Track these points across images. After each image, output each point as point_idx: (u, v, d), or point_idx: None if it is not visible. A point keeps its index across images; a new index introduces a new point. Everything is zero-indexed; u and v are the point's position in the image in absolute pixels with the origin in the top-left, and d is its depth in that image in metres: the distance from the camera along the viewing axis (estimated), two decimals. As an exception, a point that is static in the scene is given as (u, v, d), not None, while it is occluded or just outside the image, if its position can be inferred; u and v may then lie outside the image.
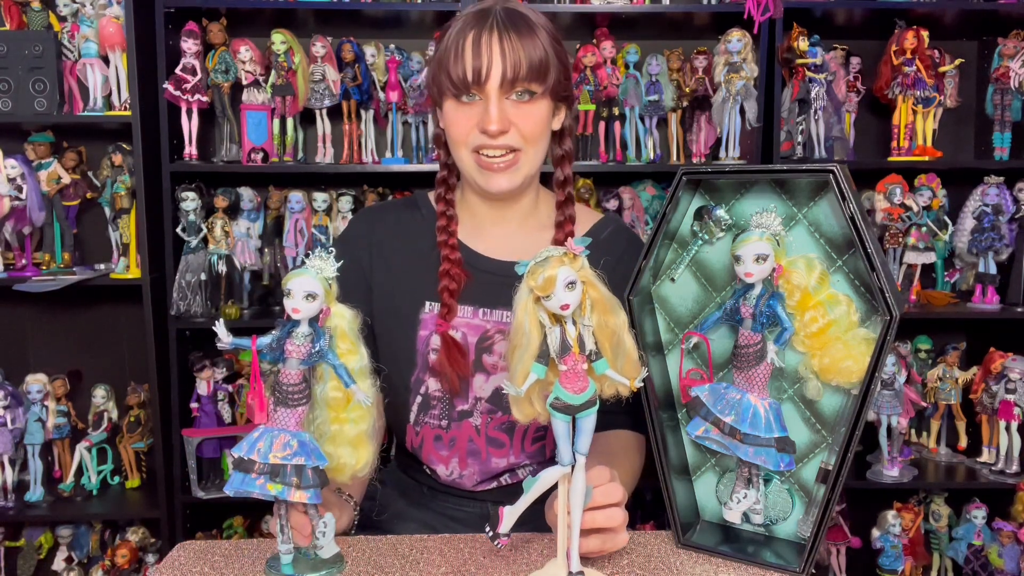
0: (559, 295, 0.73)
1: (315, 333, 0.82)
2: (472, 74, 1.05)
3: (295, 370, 0.83)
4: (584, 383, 0.76)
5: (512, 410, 0.83)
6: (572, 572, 0.81)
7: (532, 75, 1.05)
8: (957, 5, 2.13)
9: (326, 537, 0.87)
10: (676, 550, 0.95)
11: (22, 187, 2.08)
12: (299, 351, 0.82)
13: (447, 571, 0.90)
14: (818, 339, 0.87)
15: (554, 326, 0.76)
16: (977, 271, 2.19)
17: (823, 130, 2.13)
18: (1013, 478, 2.10)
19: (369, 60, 2.19)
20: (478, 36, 1.05)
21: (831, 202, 0.88)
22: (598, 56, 2.17)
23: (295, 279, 0.80)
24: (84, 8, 2.10)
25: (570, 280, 0.74)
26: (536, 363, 0.77)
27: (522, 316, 0.77)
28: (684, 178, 0.91)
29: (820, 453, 0.92)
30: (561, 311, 0.74)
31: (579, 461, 0.79)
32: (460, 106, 1.09)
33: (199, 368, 2.08)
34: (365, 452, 0.87)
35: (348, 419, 0.85)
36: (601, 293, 0.78)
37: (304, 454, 0.81)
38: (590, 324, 0.77)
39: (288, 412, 0.83)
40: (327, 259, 0.82)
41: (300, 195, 2.17)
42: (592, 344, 0.77)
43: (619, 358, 0.79)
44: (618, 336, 0.78)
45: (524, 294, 0.77)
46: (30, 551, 2.22)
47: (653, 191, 2.30)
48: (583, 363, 0.76)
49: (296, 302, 0.80)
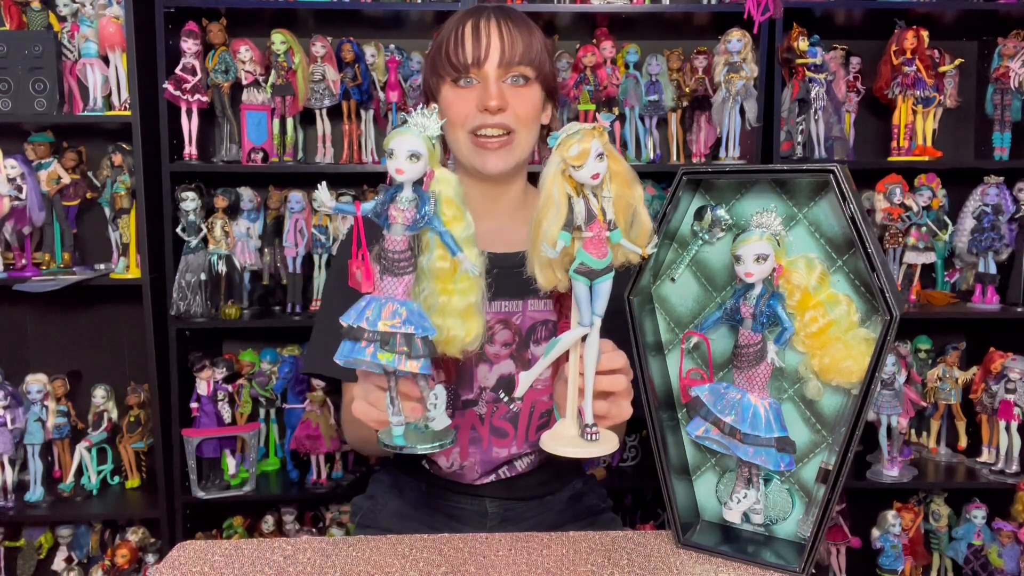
0: (591, 165, 0.77)
1: (420, 198, 0.78)
2: (472, 56, 1.11)
3: (400, 236, 0.78)
4: (606, 249, 0.81)
5: (536, 275, 0.86)
6: (587, 424, 0.85)
7: (527, 59, 1.13)
8: (957, 5, 2.13)
9: (437, 409, 0.84)
10: (676, 550, 0.95)
11: (22, 187, 2.08)
12: (404, 216, 0.77)
13: (447, 571, 0.90)
14: (818, 339, 0.87)
15: (578, 197, 0.80)
16: (977, 271, 2.19)
17: (823, 130, 2.13)
18: (1013, 478, 2.10)
19: (369, 60, 2.19)
20: (476, 23, 1.13)
21: (831, 202, 0.88)
22: (598, 56, 2.17)
23: (397, 138, 0.76)
24: (84, 8, 2.09)
25: (601, 151, 0.78)
26: (563, 231, 0.80)
27: (551, 186, 0.81)
28: (684, 178, 0.91)
29: (820, 453, 0.92)
30: (592, 180, 0.78)
31: (595, 323, 0.83)
32: (458, 90, 1.14)
33: (199, 368, 2.08)
34: (475, 324, 0.85)
35: (455, 290, 0.83)
36: (622, 166, 0.81)
37: (413, 323, 0.77)
38: (610, 195, 0.81)
39: (395, 280, 0.79)
40: (430, 116, 0.78)
41: (300, 195, 2.17)
42: (612, 214, 0.81)
43: (634, 229, 0.84)
44: (635, 208, 0.83)
45: (554, 166, 0.80)
46: (30, 551, 2.22)
47: (653, 191, 2.30)
48: (605, 231, 0.81)
49: (399, 162, 0.76)
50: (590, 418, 0.86)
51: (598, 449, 0.86)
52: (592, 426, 0.86)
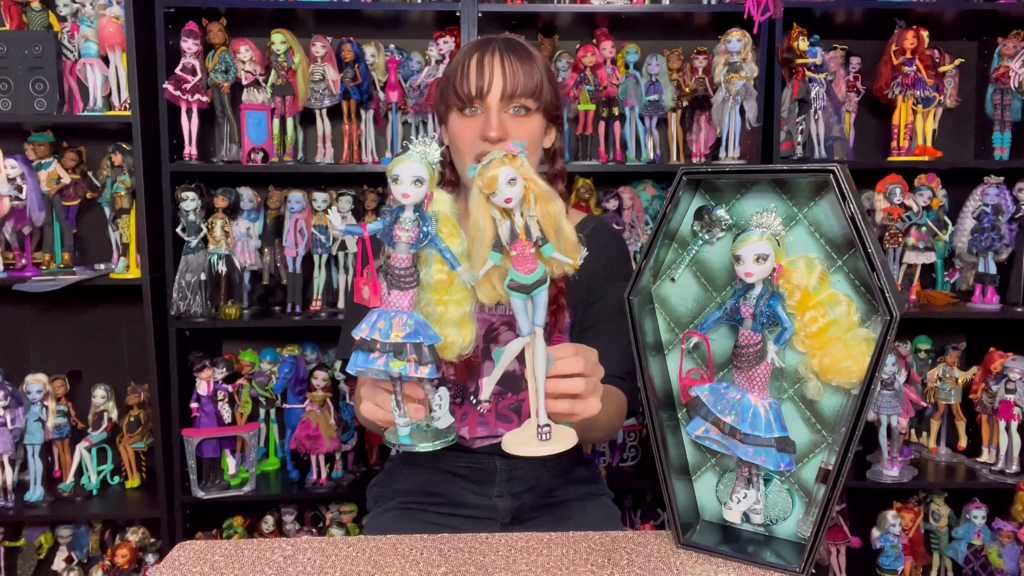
0: (502, 191, 0.83)
1: (422, 218, 0.85)
2: (476, 89, 1.20)
3: (405, 254, 0.85)
4: (533, 265, 0.86)
5: (478, 293, 0.92)
6: (540, 425, 0.90)
7: (528, 92, 1.21)
8: (957, 5, 2.13)
9: (442, 409, 0.91)
10: (676, 550, 0.95)
11: (22, 187, 2.09)
12: (408, 235, 0.85)
13: (447, 571, 0.90)
14: (818, 339, 0.87)
15: (504, 219, 0.86)
16: (977, 271, 2.19)
17: (823, 130, 2.13)
18: (1013, 478, 2.10)
19: (369, 60, 2.19)
20: (481, 57, 1.21)
21: (831, 202, 0.88)
22: (598, 56, 2.17)
23: (403, 164, 0.83)
24: (84, 8, 2.10)
25: (511, 177, 0.83)
26: (492, 252, 0.86)
27: (476, 212, 0.86)
28: (684, 178, 0.91)
29: (820, 453, 0.92)
30: (505, 204, 0.84)
31: (537, 332, 0.88)
32: (464, 119, 1.23)
33: (199, 368, 2.08)
34: (469, 331, 0.92)
35: (451, 300, 0.90)
36: (541, 187, 0.87)
37: (421, 332, 0.85)
38: (535, 215, 0.86)
39: (401, 295, 0.86)
40: (430, 144, 0.85)
41: (300, 195, 2.17)
42: (538, 232, 0.86)
43: (560, 240, 0.89)
44: (557, 222, 0.88)
45: (476, 193, 0.86)
46: (30, 551, 2.22)
47: (653, 191, 2.30)
48: (530, 248, 0.86)
49: (405, 187, 0.83)
50: (543, 419, 0.91)
51: (549, 448, 0.90)
52: (545, 426, 0.90)
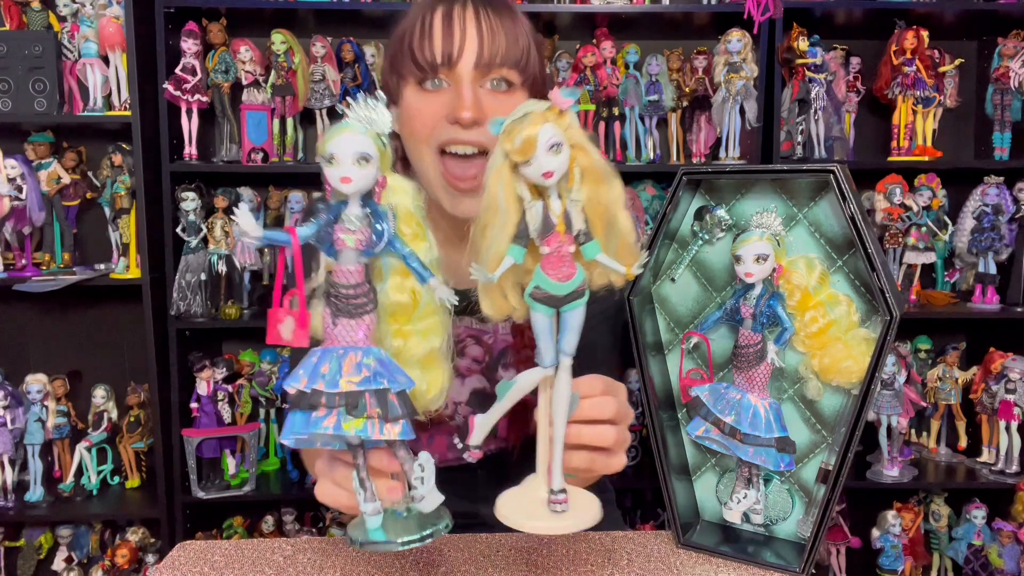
0: (541, 160, 0.59)
1: (373, 213, 0.60)
2: (442, 53, 0.88)
3: (353, 265, 0.60)
4: (571, 269, 0.62)
5: (482, 303, 0.66)
6: (553, 490, 0.66)
7: (511, 60, 0.90)
8: (957, 5, 2.13)
9: (425, 484, 0.63)
10: (676, 550, 0.95)
11: (22, 187, 2.09)
12: (356, 238, 0.59)
13: (447, 571, 0.90)
14: (818, 339, 0.87)
15: (535, 200, 0.62)
16: (977, 271, 2.19)
17: (823, 130, 2.13)
18: (1013, 478, 2.10)
19: (369, 60, 2.19)
20: (449, 10, 0.89)
21: (831, 202, 0.88)
22: (598, 56, 2.17)
23: (337, 137, 0.57)
24: (84, 8, 2.10)
25: (555, 142, 0.59)
26: (513, 245, 0.62)
27: (496, 188, 0.62)
28: (684, 178, 0.91)
29: (820, 453, 0.92)
30: (543, 180, 0.60)
31: (563, 363, 0.65)
32: (424, 94, 0.91)
33: (199, 368, 2.08)
34: (439, 376, 0.66)
35: (414, 331, 0.64)
36: (593, 159, 0.62)
37: (385, 375, 0.60)
38: (579, 199, 0.62)
39: (352, 323, 0.60)
40: (376, 107, 0.59)
41: (300, 195, 2.18)
42: (582, 223, 0.63)
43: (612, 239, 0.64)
44: (612, 213, 0.63)
45: (499, 160, 0.62)
46: (30, 551, 2.22)
47: (653, 191, 2.30)
48: (569, 245, 0.62)
49: (344, 168, 0.57)
50: (558, 482, 0.66)
51: (565, 525, 0.65)
52: (560, 492, 0.66)
